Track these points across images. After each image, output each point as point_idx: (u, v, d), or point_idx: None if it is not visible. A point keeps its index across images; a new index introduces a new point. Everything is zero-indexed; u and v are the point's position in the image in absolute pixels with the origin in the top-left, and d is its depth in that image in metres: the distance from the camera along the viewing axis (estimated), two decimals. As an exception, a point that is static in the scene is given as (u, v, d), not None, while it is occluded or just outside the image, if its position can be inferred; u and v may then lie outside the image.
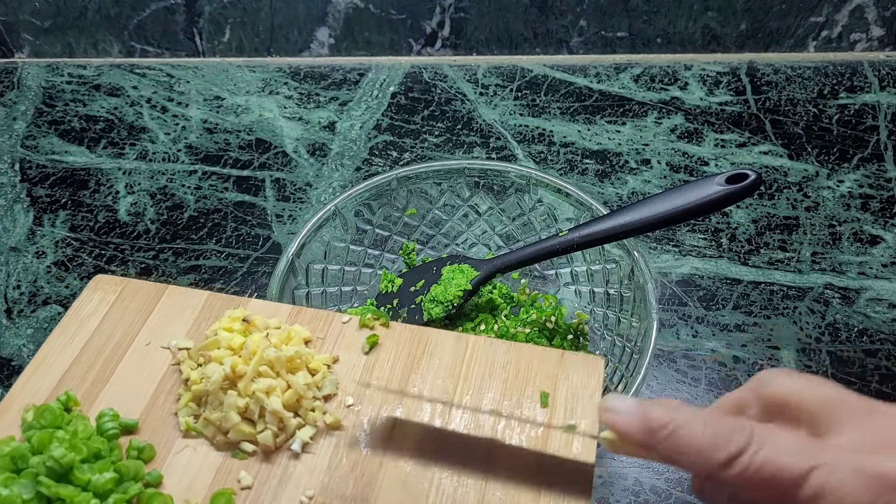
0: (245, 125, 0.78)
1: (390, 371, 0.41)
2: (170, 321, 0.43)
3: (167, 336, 0.42)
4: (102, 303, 0.44)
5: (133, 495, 0.35)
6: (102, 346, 0.42)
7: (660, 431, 0.29)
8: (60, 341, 0.43)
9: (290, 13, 0.81)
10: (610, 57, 0.84)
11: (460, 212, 0.59)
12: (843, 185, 0.71)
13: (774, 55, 0.83)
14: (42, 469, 0.34)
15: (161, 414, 0.39)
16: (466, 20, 0.81)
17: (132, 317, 0.43)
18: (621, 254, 0.52)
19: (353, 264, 0.57)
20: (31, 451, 0.35)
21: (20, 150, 0.77)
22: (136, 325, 0.43)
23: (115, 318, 0.43)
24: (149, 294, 0.44)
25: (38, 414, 0.37)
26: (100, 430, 0.37)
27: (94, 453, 0.36)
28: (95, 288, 0.45)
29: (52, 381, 0.41)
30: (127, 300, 0.44)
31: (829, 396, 0.29)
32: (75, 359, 0.42)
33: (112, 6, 0.81)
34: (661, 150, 0.74)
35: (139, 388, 0.40)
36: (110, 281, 0.45)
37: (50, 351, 0.42)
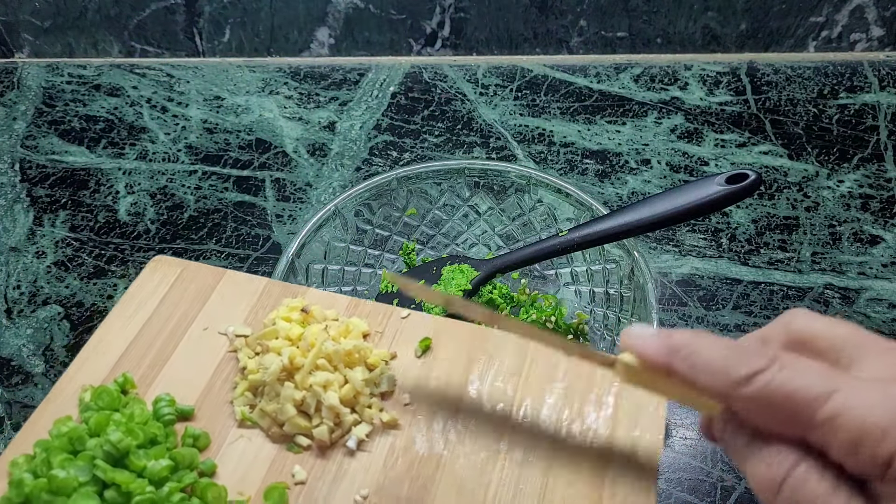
0: (245, 125, 0.78)
1: (449, 370, 0.39)
2: (227, 307, 0.42)
3: (224, 322, 0.42)
4: (161, 285, 0.43)
5: (187, 484, 0.34)
6: (160, 329, 0.41)
7: (681, 350, 0.29)
8: (118, 322, 0.42)
9: (290, 13, 0.81)
10: (610, 57, 0.84)
11: (460, 212, 0.59)
12: (843, 185, 0.71)
13: (774, 55, 0.83)
14: (99, 452, 0.34)
15: (216, 402, 0.38)
16: (466, 20, 0.81)
17: (190, 301, 0.43)
18: (621, 254, 0.52)
19: (353, 264, 0.57)
20: (89, 433, 0.35)
21: (20, 150, 0.77)
22: (194, 310, 0.42)
23: (173, 301, 0.43)
24: (207, 278, 0.43)
25: (96, 395, 0.37)
26: (156, 415, 0.37)
27: (151, 439, 0.35)
28: (154, 269, 0.44)
29: (109, 362, 0.40)
30: (185, 283, 0.43)
31: (850, 334, 0.29)
32: (133, 341, 0.41)
33: (112, 6, 0.81)
34: (661, 150, 0.74)
35: (195, 374, 0.39)
36: (169, 263, 0.45)
37: (108, 331, 0.42)
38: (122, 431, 0.34)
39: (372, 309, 0.42)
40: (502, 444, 0.36)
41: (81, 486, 0.33)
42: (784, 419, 0.27)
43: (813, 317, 0.30)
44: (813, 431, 0.27)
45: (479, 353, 0.40)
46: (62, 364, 0.60)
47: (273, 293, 0.43)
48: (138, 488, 0.33)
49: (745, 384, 0.27)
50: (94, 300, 0.65)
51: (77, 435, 0.35)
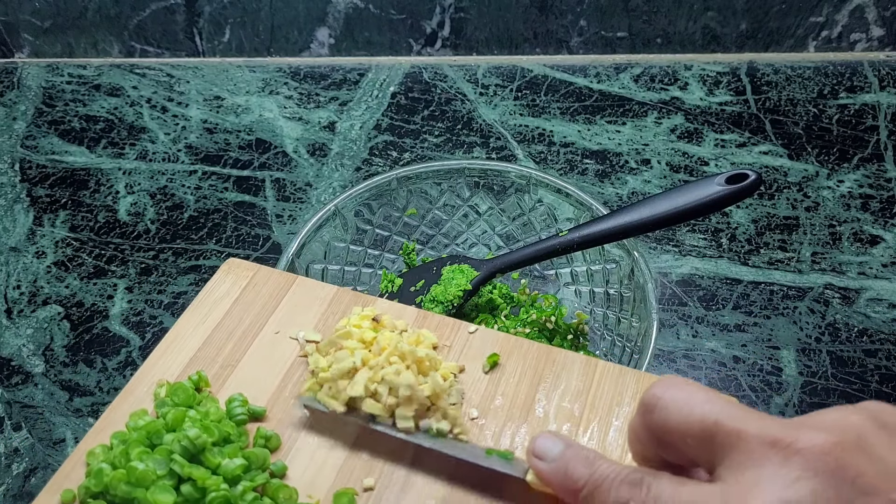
0: (245, 125, 0.78)
1: (515, 388, 0.39)
2: (298, 312, 0.43)
3: (295, 327, 0.42)
4: (234, 286, 0.44)
5: (259, 484, 0.35)
6: (232, 330, 0.42)
7: (579, 490, 0.29)
8: (193, 321, 0.42)
9: (290, 13, 0.81)
10: (610, 57, 0.84)
11: (460, 212, 0.59)
12: (843, 185, 0.71)
13: (774, 55, 0.83)
14: (176, 447, 0.34)
15: (287, 405, 0.39)
16: (466, 20, 0.81)
17: (262, 304, 0.43)
18: (621, 254, 0.52)
19: (353, 264, 0.58)
20: (166, 427, 0.35)
21: (20, 150, 0.77)
22: (266, 313, 0.43)
23: (245, 303, 0.43)
24: (278, 283, 0.44)
25: (172, 391, 0.38)
26: (229, 415, 0.37)
27: (224, 437, 0.36)
28: (228, 271, 0.45)
29: (183, 359, 0.41)
30: (258, 286, 0.44)
31: (704, 428, 0.26)
32: (206, 340, 0.41)
33: (112, 6, 0.81)
34: (661, 150, 0.74)
35: (266, 376, 0.40)
36: (242, 266, 0.45)
37: (182, 329, 0.42)
38: (199, 428, 0.35)
39: (440, 322, 0.43)
40: None
41: (159, 479, 0.33)
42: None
43: (668, 411, 0.28)
44: None
45: (546, 372, 0.40)
46: (62, 364, 0.61)
47: (343, 300, 0.43)
48: (214, 485, 0.33)
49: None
50: (94, 300, 0.65)
51: (155, 429, 0.35)
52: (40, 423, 0.57)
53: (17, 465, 0.55)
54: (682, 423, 0.27)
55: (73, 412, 0.58)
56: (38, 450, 0.56)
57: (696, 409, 0.27)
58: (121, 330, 0.63)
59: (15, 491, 0.54)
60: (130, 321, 0.63)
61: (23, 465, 0.55)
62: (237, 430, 0.36)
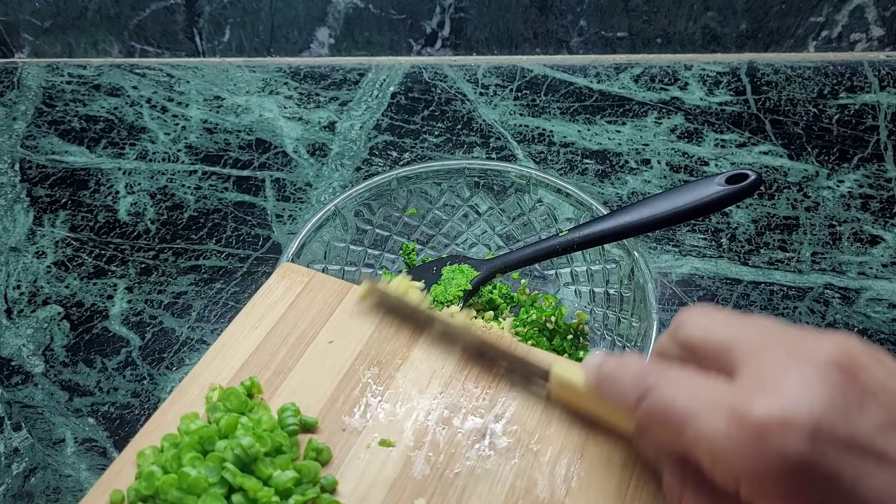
0: (245, 125, 0.78)
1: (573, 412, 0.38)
2: (352, 321, 0.42)
3: (349, 336, 0.41)
4: (289, 292, 0.43)
5: (310, 498, 0.34)
6: (286, 337, 0.41)
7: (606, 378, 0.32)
8: (246, 325, 0.42)
9: (290, 13, 0.81)
10: (610, 57, 0.84)
11: (460, 212, 0.59)
12: (843, 185, 0.71)
13: (774, 55, 0.83)
14: (229, 455, 0.33)
15: (338, 417, 0.38)
16: (466, 20, 0.81)
17: (317, 311, 0.42)
18: (621, 254, 0.52)
19: (353, 264, 0.58)
20: (219, 434, 0.35)
21: (20, 150, 0.77)
22: (320, 321, 0.42)
23: (300, 309, 0.42)
24: (333, 290, 0.43)
25: (224, 396, 0.37)
26: (281, 424, 0.37)
27: (276, 447, 0.35)
28: (283, 276, 0.44)
29: (235, 363, 0.40)
30: (313, 293, 0.43)
31: (725, 338, 0.29)
32: (259, 345, 0.41)
33: (112, 6, 0.81)
34: (661, 150, 0.74)
35: (319, 385, 0.39)
36: (297, 271, 0.44)
37: (235, 333, 0.41)
38: (252, 437, 0.34)
39: None
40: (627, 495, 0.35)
41: (210, 487, 0.33)
42: (668, 437, 0.29)
43: (695, 323, 0.31)
44: (690, 450, 0.28)
45: None
46: (62, 364, 0.61)
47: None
48: (265, 497, 0.33)
49: (637, 406, 0.30)
50: (94, 300, 0.65)
51: (207, 435, 0.35)
52: (40, 423, 0.57)
53: (17, 465, 0.55)
54: (704, 338, 0.30)
55: (72, 412, 0.58)
56: (37, 450, 0.56)
57: (718, 327, 0.30)
58: (121, 330, 0.63)
59: (15, 491, 0.54)
60: (130, 321, 0.63)
61: (23, 465, 0.55)
62: (289, 440, 0.36)
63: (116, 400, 0.59)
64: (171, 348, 0.61)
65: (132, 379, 0.60)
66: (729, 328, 0.30)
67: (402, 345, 0.40)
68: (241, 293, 0.65)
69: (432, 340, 0.38)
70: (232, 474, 0.33)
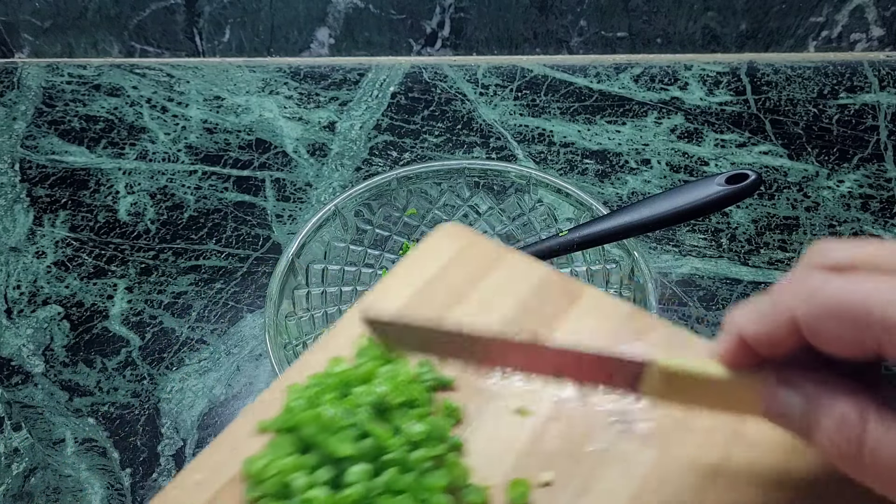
0: (245, 125, 0.78)
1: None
2: (504, 288, 0.41)
3: (498, 301, 0.41)
4: (448, 250, 0.43)
5: (437, 455, 0.34)
6: (437, 295, 0.41)
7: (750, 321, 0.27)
8: (401, 278, 0.42)
9: (290, 13, 0.81)
10: (610, 57, 0.84)
11: (460, 212, 0.59)
12: (843, 185, 0.71)
13: (774, 55, 0.83)
14: (365, 400, 0.34)
15: (476, 378, 0.38)
16: (466, 20, 0.81)
17: (470, 273, 0.42)
18: (621, 254, 0.52)
19: (353, 264, 0.58)
20: (359, 379, 0.36)
21: (20, 150, 0.77)
22: (471, 283, 0.41)
23: (454, 269, 0.42)
24: (489, 255, 0.43)
25: (371, 344, 0.37)
26: (418, 379, 0.37)
27: (411, 400, 0.35)
28: (445, 235, 0.44)
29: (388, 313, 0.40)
30: (469, 255, 0.43)
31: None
32: (411, 299, 0.40)
33: (112, 6, 0.81)
34: (661, 150, 0.74)
35: None
36: (459, 231, 0.44)
37: (390, 284, 0.41)
38: (390, 387, 0.35)
39: (669, 335, 0.39)
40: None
41: (344, 429, 0.33)
42: (847, 336, 0.23)
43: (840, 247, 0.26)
44: (883, 345, 0.23)
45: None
46: (62, 364, 0.61)
47: (552, 283, 0.41)
48: (393, 446, 0.33)
49: (806, 306, 0.25)
50: (94, 300, 0.65)
51: (348, 379, 0.36)
52: (40, 423, 0.57)
53: (16, 465, 0.55)
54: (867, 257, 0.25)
55: (72, 412, 0.58)
56: (37, 450, 0.56)
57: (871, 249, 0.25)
58: (121, 330, 0.63)
59: (15, 491, 0.54)
60: (130, 321, 0.63)
61: (23, 465, 0.55)
62: (424, 395, 0.36)
63: (116, 400, 0.59)
64: (171, 348, 0.61)
65: (132, 379, 0.60)
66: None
67: (552, 316, 0.39)
68: (241, 293, 0.65)
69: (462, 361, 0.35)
70: (365, 420, 0.33)
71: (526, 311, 0.40)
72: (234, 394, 0.59)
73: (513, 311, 0.40)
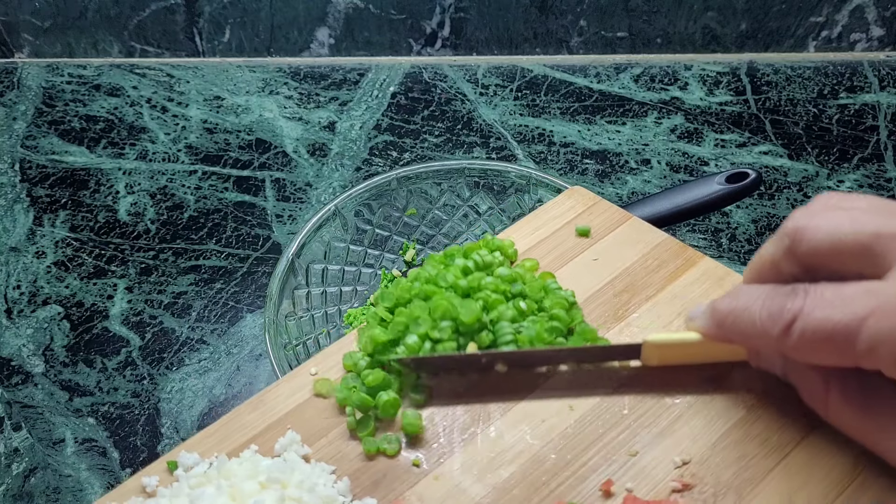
0: (245, 125, 0.78)
1: None
2: (621, 248, 0.44)
3: (613, 260, 0.43)
4: (571, 210, 0.46)
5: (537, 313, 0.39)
6: (556, 246, 0.44)
7: (726, 321, 0.31)
8: (525, 229, 0.45)
9: (290, 13, 0.81)
10: (610, 57, 0.84)
11: (460, 212, 0.59)
12: (843, 186, 0.71)
13: (774, 55, 0.83)
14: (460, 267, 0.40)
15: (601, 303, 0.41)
16: (466, 20, 0.81)
17: (592, 231, 0.45)
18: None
19: (353, 264, 0.57)
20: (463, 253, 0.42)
21: (20, 150, 0.77)
22: (593, 240, 0.44)
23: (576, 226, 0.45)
24: (612, 218, 0.45)
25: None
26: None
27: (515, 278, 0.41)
28: (570, 196, 0.47)
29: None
30: (592, 215, 0.45)
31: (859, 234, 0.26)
32: (529, 248, 0.44)
33: (112, 6, 0.81)
34: (661, 150, 0.74)
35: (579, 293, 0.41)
36: (584, 194, 0.47)
37: (514, 234, 0.45)
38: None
39: None
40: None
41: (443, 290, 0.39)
42: (832, 356, 0.27)
43: (817, 229, 0.28)
44: (861, 361, 0.26)
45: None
46: (62, 364, 0.61)
47: (667, 248, 0.43)
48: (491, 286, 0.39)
49: (785, 337, 0.27)
50: (94, 300, 0.65)
51: (453, 252, 0.42)
52: (40, 423, 0.57)
53: (16, 465, 0.55)
54: (835, 245, 0.27)
55: (72, 412, 0.58)
56: (38, 450, 0.56)
57: (846, 228, 0.27)
58: (121, 330, 0.63)
59: (15, 491, 0.54)
60: (130, 321, 0.63)
61: (23, 465, 0.55)
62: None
63: (116, 400, 0.58)
64: (171, 348, 0.61)
65: (132, 379, 0.60)
66: (861, 223, 0.27)
67: (657, 280, 0.41)
68: (241, 293, 0.65)
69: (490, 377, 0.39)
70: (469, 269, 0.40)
71: (644, 267, 0.42)
72: (234, 394, 0.59)
73: (631, 265, 0.42)
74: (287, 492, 0.32)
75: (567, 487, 0.33)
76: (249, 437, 0.36)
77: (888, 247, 0.26)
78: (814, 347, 0.27)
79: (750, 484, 0.32)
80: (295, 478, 0.32)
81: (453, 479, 0.34)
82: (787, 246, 0.29)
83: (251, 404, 0.38)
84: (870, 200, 0.28)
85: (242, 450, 0.35)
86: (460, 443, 0.35)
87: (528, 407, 0.36)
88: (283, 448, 0.35)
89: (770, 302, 0.28)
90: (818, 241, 0.28)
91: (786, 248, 0.29)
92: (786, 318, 0.27)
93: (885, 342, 0.25)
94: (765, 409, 0.35)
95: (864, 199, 0.28)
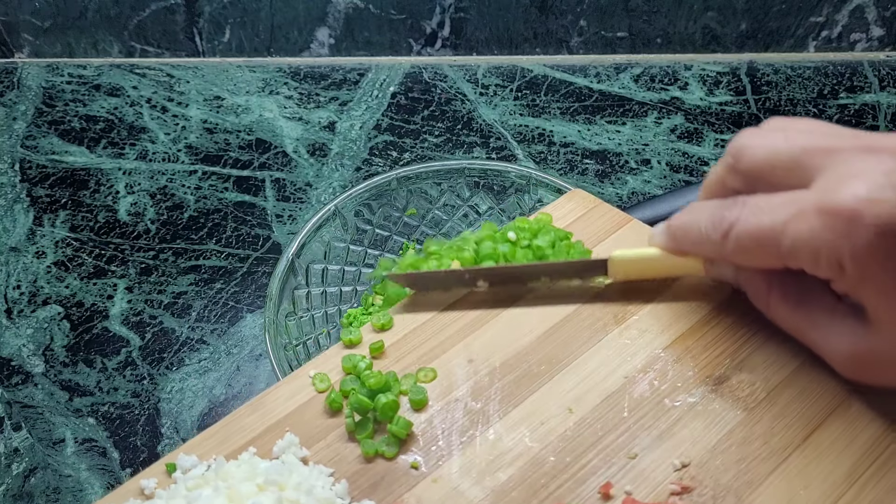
0: (245, 125, 0.78)
1: None
2: (619, 248, 0.44)
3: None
4: (572, 213, 0.47)
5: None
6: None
7: (677, 234, 0.34)
8: None
9: (290, 13, 0.81)
10: (610, 57, 0.84)
11: (460, 212, 0.59)
12: (843, 186, 0.70)
13: (774, 55, 0.83)
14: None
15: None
16: (466, 20, 0.81)
17: (592, 233, 0.45)
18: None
19: (353, 264, 0.58)
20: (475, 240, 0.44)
21: (20, 150, 0.77)
22: (593, 242, 0.45)
23: (577, 228, 0.46)
24: (612, 220, 0.46)
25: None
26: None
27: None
28: (570, 198, 0.48)
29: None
30: (592, 218, 0.46)
31: (792, 150, 0.29)
32: None
33: (112, 6, 0.81)
34: (661, 150, 0.74)
35: None
36: (584, 197, 0.48)
37: None
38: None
39: None
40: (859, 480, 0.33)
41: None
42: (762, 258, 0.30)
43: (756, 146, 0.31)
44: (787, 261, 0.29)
45: None
46: (62, 364, 0.61)
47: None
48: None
49: (724, 242, 0.31)
50: (94, 300, 0.65)
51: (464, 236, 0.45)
52: (40, 423, 0.57)
53: (16, 465, 0.55)
54: (770, 159, 0.30)
55: (72, 412, 0.58)
56: (38, 450, 0.56)
57: (780, 145, 0.30)
58: (121, 330, 0.63)
59: (15, 491, 0.54)
60: (130, 321, 0.63)
61: (23, 465, 0.55)
62: None
63: (116, 400, 0.59)
64: (171, 348, 0.61)
65: (132, 379, 0.60)
66: (794, 140, 0.30)
67: (657, 282, 0.41)
68: (241, 293, 0.65)
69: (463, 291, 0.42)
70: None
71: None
72: (234, 394, 0.59)
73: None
74: (285, 494, 0.32)
75: (566, 490, 0.33)
76: (248, 439, 0.36)
77: (813, 161, 0.29)
78: (747, 251, 0.30)
79: (749, 487, 0.32)
80: (293, 480, 0.33)
81: (452, 481, 0.34)
82: (730, 163, 0.32)
83: (251, 406, 0.38)
84: (809, 123, 0.31)
85: (241, 452, 0.35)
86: (459, 445, 0.35)
87: (528, 409, 0.36)
88: (282, 450, 0.35)
89: (713, 213, 0.31)
90: (757, 158, 0.31)
91: (729, 165, 0.32)
92: (724, 227, 0.31)
93: (804, 243, 0.27)
94: (765, 413, 0.35)
95: (804, 122, 0.31)
